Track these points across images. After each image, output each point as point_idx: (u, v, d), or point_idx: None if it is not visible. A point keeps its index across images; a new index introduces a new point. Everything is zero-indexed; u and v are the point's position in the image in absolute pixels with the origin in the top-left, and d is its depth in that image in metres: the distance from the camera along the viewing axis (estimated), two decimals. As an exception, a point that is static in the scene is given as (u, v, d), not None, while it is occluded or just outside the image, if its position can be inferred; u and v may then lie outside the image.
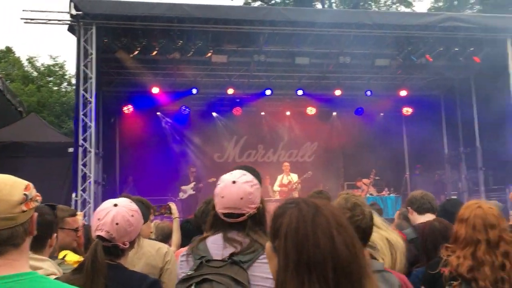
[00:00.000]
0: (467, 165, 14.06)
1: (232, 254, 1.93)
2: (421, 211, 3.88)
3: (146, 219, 2.96)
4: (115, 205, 2.08)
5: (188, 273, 1.92)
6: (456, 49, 11.48)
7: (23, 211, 1.39)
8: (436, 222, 3.13)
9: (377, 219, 2.63)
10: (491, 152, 12.52)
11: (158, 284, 2.12)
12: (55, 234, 2.37)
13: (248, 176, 2.10)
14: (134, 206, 2.16)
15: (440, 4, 27.38)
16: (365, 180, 13.25)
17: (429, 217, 3.81)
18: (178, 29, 10.35)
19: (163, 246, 3.15)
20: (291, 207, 1.32)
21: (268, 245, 1.36)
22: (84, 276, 1.91)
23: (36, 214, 1.47)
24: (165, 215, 4.42)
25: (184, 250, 3.24)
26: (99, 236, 2.03)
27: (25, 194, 1.40)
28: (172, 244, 4.13)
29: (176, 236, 4.23)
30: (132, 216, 2.10)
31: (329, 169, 14.96)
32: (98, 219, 2.06)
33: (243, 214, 2.03)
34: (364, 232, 2.17)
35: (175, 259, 2.96)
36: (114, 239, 2.04)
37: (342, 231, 1.25)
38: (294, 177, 12.17)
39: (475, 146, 13.36)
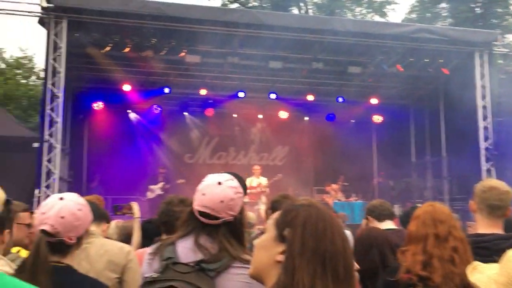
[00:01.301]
0: (433, 174, 14.36)
1: (200, 261, 1.86)
2: (380, 218, 3.98)
3: (98, 218, 2.89)
4: (61, 198, 1.97)
5: (153, 276, 1.84)
6: (426, 60, 11.73)
7: None
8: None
9: None
10: (456, 162, 12.82)
11: None
12: (7, 230, 2.28)
13: (235, 182, 2.05)
14: (82, 200, 2.05)
15: (413, 15, 27.98)
16: (334, 186, 13.40)
17: (388, 224, 3.92)
18: (151, 27, 10.23)
19: (126, 245, 3.09)
20: (306, 205, 1.40)
21: (270, 234, 1.39)
22: (27, 274, 1.76)
23: None
24: (126, 215, 4.31)
25: (144, 251, 3.21)
26: (42, 231, 1.89)
27: None
28: (132, 244, 4.05)
29: (136, 236, 4.15)
30: (80, 210, 1.98)
31: (299, 173, 15.06)
32: (42, 213, 1.93)
33: (218, 218, 1.96)
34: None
35: (137, 258, 2.90)
36: (59, 234, 1.91)
37: (345, 237, 1.36)
38: (263, 180, 12.17)
39: (441, 155, 13.66)
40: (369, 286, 3.02)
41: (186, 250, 1.94)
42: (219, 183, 2.00)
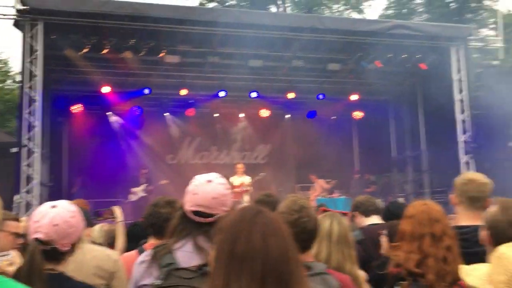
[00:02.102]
0: (414, 168, 14.58)
1: (203, 265, 1.83)
2: (367, 213, 4.05)
3: (88, 223, 2.88)
4: (53, 206, 1.98)
5: (156, 283, 1.81)
6: (404, 56, 11.88)
7: None
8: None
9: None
10: (436, 156, 13.03)
11: None
12: None
13: (223, 179, 2.09)
14: (74, 207, 2.06)
15: (390, 12, 28.30)
16: (321, 182, 13.54)
17: (375, 218, 3.97)
18: (129, 28, 10.14)
19: (113, 253, 3.09)
20: (237, 210, 1.38)
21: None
22: (22, 283, 1.69)
23: None
24: (109, 219, 4.26)
25: (131, 254, 3.19)
26: (36, 239, 1.91)
27: None
28: (116, 249, 4.02)
29: (120, 241, 4.12)
30: (73, 217, 2.00)
31: (282, 171, 15.12)
32: (35, 221, 1.95)
33: (213, 215, 1.97)
34: (310, 233, 2.21)
35: (124, 263, 2.89)
36: (53, 242, 1.92)
37: (278, 235, 1.30)
38: (246, 179, 12.16)
39: (421, 149, 13.86)
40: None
41: (186, 254, 1.92)
42: (209, 181, 2.03)
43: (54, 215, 1.94)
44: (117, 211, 4.20)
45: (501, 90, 11.25)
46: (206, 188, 2.00)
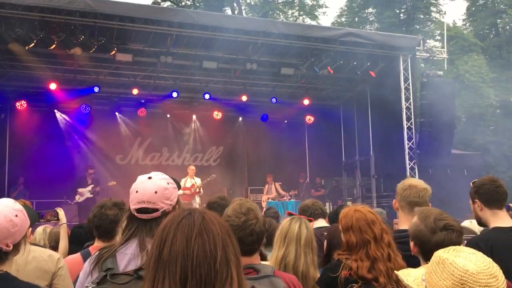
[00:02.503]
0: (362, 173, 14.97)
1: (138, 269, 1.80)
2: (314, 217, 4.12)
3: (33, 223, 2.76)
4: None
5: (89, 287, 1.79)
6: (354, 63, 12.19)
7: None
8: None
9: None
10: (383, 161, 13.44)
11: None
12: None
13: (166, 176, 2.07)
14: (18, 206, 1.98)
15: (343, 19, 29.00)
16: (277, 185, 13.75)
17: (321, 222, 4.07)
18: (79, 24, 9.84)
19: (54, 253, 2.98)
20: (174, 213, 1.37)
21: None
22: None
23: None
24: (51, 221, 4.11)
25: (74, 257, 3.10)
26: None
27: None
28: (59, 251, 3.89)
29: (63, 244, 3.99)
30: (16, 216, 1.92)
31: (234, 174, 15.15)
32: None
33: (157, 210, 1.95)
34: (258, 235, 2.23)
35: (66, 266, 2.81)
36: None
37: (205, 236, 1.28)
38: (197, 180, 12.10)
39: (369, 155, 14.26)
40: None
41: (127, 257, 1.90)
42: (150, 178, 2.02)
43: None
44: (60, 213, 4.06)
45: (444, 99, 11.76)
46: (147, 184, 1.99)
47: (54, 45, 10.20)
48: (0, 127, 12.81)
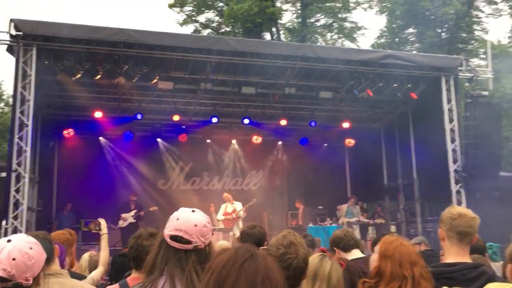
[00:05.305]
0: (405, 196, 14.56)
1: None
2: (347, 248, 3.97)
3: (50, 255, 2.80)
4: (9, 240, 1.90)
5: None
6: (395, 85, 11.99)
7: None
8: None
9: None
10: (427, 184, 13.03)
11: None
12: None
13: (207, 216, 2.10)
14: (31, 239, 1.98)
15: (382, 40, 28.72)
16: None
17: (356, 253, 3.91)
18: (123, 54, 10.20)
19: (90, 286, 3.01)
20: (232, 249, 1.37)
21: None
22: None
23: None
24: (93, 231, 4.26)
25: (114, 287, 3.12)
26: None
27: None
28: (99, 263, 3.96)
29: (104, 254, 4.07)
30: (31, 248, 1.91)
31: (274, 198, 15.07)
32: None
33: (190, 242, 1.95)
34: (295, 271, 2.18)
35: None
36: (14, 277, 1.83)
37: (267, 284, 1.28)
38: (238, 205, 12.11)
39: (413, 178, 13.87)
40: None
41: None
42: (193, 211, 2.05)
43: (11, 249, 1.86)
44: (103, 223, 4.23)
45: (491, 119, 11.36)
46: (189, 215, 2.02)
47: (99, 75, 10.60)
48: (49, 155, 13.27)
